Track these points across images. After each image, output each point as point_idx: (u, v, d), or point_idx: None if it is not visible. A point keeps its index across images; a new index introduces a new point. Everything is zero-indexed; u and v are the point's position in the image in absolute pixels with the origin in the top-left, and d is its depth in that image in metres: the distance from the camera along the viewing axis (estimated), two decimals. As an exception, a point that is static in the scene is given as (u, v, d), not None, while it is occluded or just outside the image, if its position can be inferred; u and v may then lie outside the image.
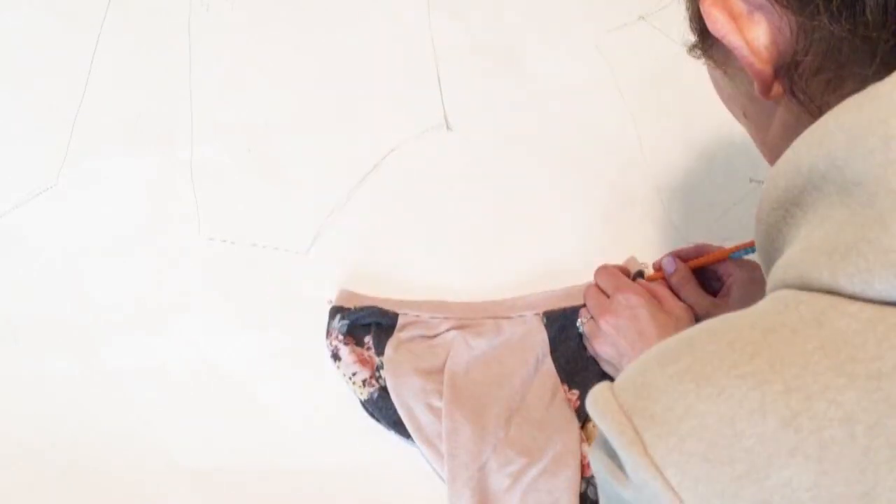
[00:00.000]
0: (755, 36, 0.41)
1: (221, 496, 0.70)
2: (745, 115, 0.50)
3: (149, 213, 0.81)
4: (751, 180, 0.83)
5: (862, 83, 0.36)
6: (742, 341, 0.33)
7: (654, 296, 0.73)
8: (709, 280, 0.77)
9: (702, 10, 0.42)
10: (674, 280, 0.76)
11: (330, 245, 0.81)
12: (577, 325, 0.75)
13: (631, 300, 0.71)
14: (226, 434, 0.73)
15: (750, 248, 0.75)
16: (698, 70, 0.51)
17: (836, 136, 0.35)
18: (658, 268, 0.79)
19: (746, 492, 0.31)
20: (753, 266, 0.76)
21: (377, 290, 0.78)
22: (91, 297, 0.78)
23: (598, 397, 0.36)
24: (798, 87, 0.41)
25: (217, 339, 0.76)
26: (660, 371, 0.35)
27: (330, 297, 0.78)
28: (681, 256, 0.77)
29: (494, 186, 0.84)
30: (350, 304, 0.75)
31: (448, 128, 0.87)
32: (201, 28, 0.90)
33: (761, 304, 0.36)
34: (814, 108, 0.41)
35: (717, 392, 0.32)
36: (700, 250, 0.78)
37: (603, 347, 0.72)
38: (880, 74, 0.36)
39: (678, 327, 0.70)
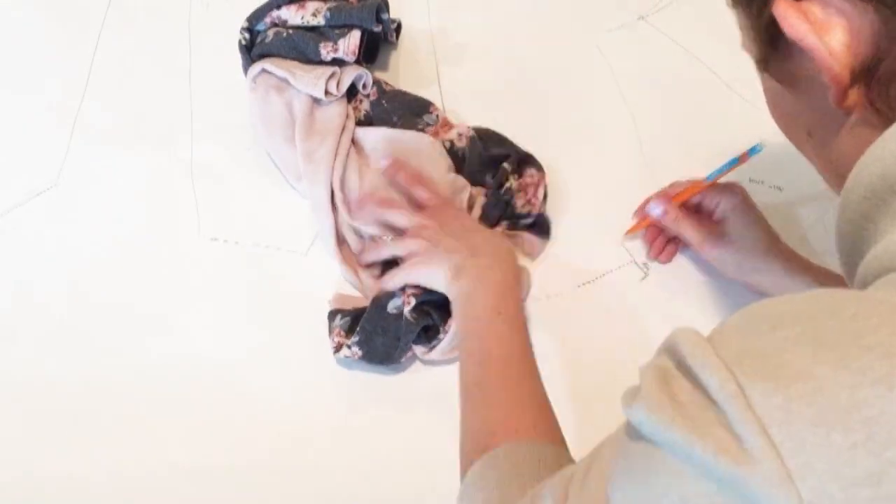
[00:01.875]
0: (833, 38, 0.40)
1: (221, 495, 0.70)
2: (809, 134, 0.48)
3: (149, 213, 0.81)
4: (750, 180, 0.83)
5: None
6: (865, 313, 0.32)
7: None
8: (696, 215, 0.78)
9: (776, 13, 0.41)
10: (668, 220, 0.76)
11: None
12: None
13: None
14: (225, 433, 0.73)
15: (726, 165, 0.75)
16: (698, 70, 0.51)
17: None
18: (643, 216, 0.79)
19: (860, 462, 0.29)
20: (736, 188, 0.75)
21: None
22: (91, 296, 0.78)
23: (692, 345, 0.34)
24: (876, 92, 0.41)
25: (216, 339, 0.76)
26: (770, 334, 0.33)
27: (329, 298, 0.78)
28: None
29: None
30: (348, 306, 0.75)
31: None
32: (201, 28, 0.90)
33: (878, 286, 0.35)
34: (893, 117, 0.40)
35: (838, 358, 0.31)
36: (676, 187, 0.79)
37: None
38: None
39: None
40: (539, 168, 0.81)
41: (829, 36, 0.40)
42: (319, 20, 0.82)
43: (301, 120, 0.80)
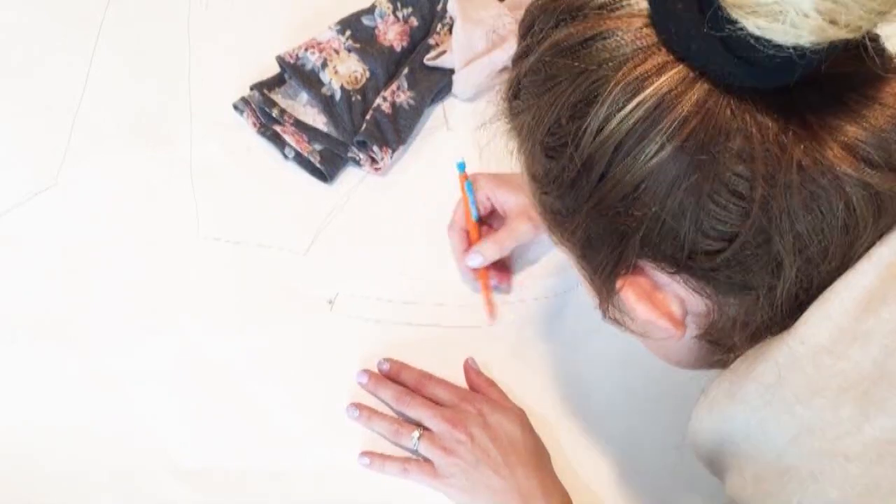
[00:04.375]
0: (673, 309, 0.47)
1: (220, 496, 0.70)
2: (643, 339, 0.53)
3: (148, 213, 0.81)
4: None
5: (768, 325, 0.45)
6: None
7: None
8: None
9: (627, 305, 0.48)
10: (492, 255, 0.75)
11: (329, 245, 0.80)
12: (412, 442, 0.71)
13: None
14: (225, 434, 0.73)
15: (469, 192, 0.76)
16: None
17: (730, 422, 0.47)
18: (478, 274, 0.77)
19: None
20: (479, 182, 0.76)
21: (376, 290, 0.78)
22: (91, 297, 0.78)
23: None
24: (707, 335, 0.48)
25: (216, 339, 0.76)
26: None
27: (330, 297, 0.78)
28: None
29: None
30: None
31: (448, 128, 0.87)
32: (201, 28, 0.90)
33: None
34: (717, 343, 0.48)
35: None
36: (457, 230, 0.78)
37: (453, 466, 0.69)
38: (779, 324, 0.44)
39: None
40: None
41: (669, 312, 0.47)
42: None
43: None
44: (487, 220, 0.79)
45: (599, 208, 0.45)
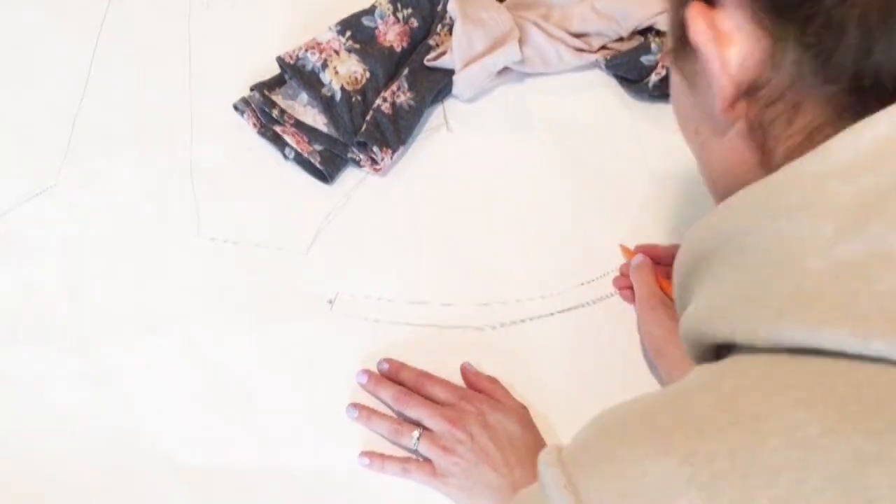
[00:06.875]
0: (730, 53, 0.43)
1: (221, 496, 0.70)
2: (696, 133, 0.51)
3: (149, 213, 0.81)
4: None
5: (808, 128, 0.42)
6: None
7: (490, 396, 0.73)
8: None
9: (687, 15, 0.44)
10: (631, 267, 0.77)
11: (329, 245, 0.81)
12: (412, 441, 0.71)
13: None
14: (225, 434, 0.73)
15: None
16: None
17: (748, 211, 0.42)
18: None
19: None
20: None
21: (376, 290, 0.78)
22: (91, 297, 0.78)
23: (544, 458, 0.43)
24: (754, 113, 0.44)
25: (216, 339, 0.76)
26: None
27: (330, 297, 0.78)
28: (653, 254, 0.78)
29: (493, 186, 0.84)
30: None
31: (448, 129, 0.87)
32: (201, 28, 0.90)
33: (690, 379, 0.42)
34: (760, 143, 0.45)
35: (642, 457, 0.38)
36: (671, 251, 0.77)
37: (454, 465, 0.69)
38: (827, 126, 0.41)
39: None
40: None
41: (727, 50, 0.43)
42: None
43: None
44: None
45: None
